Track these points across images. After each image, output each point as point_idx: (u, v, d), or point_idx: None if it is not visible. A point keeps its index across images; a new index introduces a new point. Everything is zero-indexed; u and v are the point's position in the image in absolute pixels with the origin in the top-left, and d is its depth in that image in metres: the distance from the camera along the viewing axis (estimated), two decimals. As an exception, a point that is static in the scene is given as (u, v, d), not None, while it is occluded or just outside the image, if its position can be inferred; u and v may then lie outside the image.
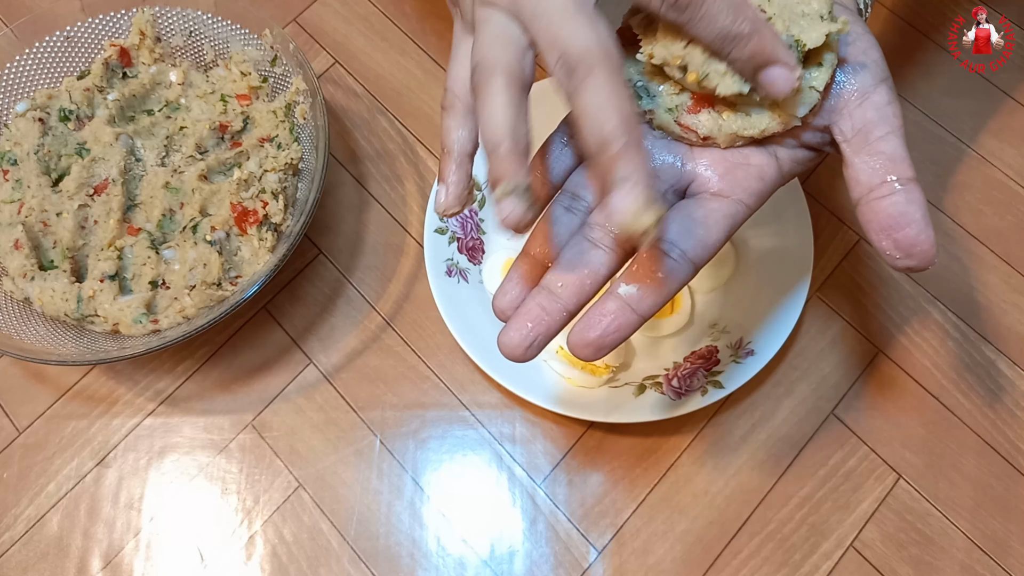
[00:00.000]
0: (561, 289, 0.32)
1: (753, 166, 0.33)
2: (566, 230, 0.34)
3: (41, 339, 0.46)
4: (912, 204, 0.31)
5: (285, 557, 0.46)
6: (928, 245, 0.31)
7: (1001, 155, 0.55)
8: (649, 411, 0.46)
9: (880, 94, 0.33)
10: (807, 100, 0.32)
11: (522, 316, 0.32)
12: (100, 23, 0.53)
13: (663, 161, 0.34)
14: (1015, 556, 0.45)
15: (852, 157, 0.32)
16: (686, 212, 0.33)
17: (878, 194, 0.32)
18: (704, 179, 0.34)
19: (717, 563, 0.46)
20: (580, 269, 0.32)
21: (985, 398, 0.49)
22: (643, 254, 0.32)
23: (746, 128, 0.33)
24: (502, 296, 0.33)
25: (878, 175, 0.32)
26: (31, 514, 0.48)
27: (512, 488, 0.48)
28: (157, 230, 0.49)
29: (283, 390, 0.50)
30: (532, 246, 0.34)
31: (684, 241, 0.32)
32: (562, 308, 0.32)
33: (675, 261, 0.32)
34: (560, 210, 0.35)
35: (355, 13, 0.60)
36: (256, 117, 0.53)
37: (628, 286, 0.31)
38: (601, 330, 0.31)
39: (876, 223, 0.32)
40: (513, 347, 0.32)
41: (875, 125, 0.32)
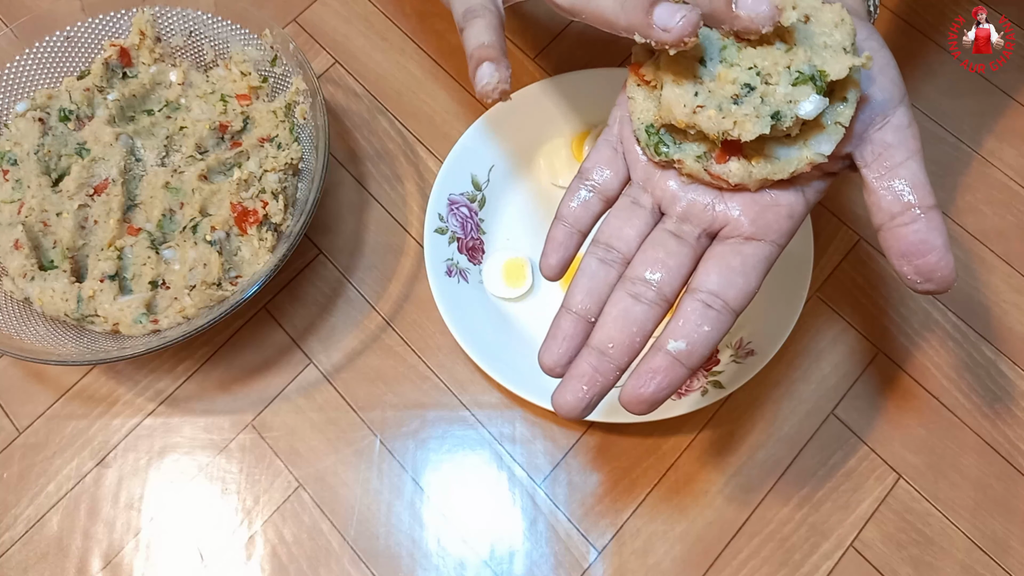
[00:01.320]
0: (612, 350, 0.33)
1: (783, 206, 0.34)
2: (604, 284, 0.34)
3: (41, 339, 0.46)
4: (933, 232, 0.32)
5: (285, 557, 0.46)
6: (948, 271, 0.32)
7: (1001, 155, 0.55)
8: (649, 411, 0.46)
9: (899, 116, 0.33)
10: (833, 135, 0.32)
11: (576, 379, 0.33)
12: (100, 23, 0.53)
13: (694, 202, 0.34)
14: (1015, 556, 0.45)
15: (873, 183, 0.33)
16: (724, 262, 0.33)
17: (900, 221, 0.32)
18: (736, 223, 0.34)
19: (717, 563, 0.46)
20: (628, 327, 0.33)
21: (985, 398, 0.49)
22: (687, 308, 0.32)
23: (776, 173, 0.33)
24: (548, 354, 0.34)
25: (899, 203, 0.32)
26: (31, 514, 0.48)
27: (512, 488, 0.48)
28: (157, 230, 0.49)
29: (283, 390, 0.50)
30: (573, 302, 0.35)
31: (726, 292, 0.32)
32: (615, 368, 0.33)
33: (718, 313, 0.32)
34: (595, 263, 0.35)
35: (355, 13, 0.60)
36: (256, 117, 0.53)
37: (677, 342, 0.32)
38: (655, 387, 0.32)
39: (897, 249, 0.32)
40: (569, 409, 0.33)
41: (895, 149, 0.33)
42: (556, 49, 0.58)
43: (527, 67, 0.58)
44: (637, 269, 0.34)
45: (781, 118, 0.32)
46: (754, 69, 0.32)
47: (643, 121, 0.35)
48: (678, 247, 0.34)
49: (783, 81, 0.32)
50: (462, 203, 0.52)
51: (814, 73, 0.32)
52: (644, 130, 0.35)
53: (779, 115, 0.32)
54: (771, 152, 0.33)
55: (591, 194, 0.36)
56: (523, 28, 0.59)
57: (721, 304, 0.32)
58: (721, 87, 0.33)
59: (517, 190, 0.53)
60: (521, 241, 0.52)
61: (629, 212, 0.36)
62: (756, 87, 0.32)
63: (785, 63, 0.32)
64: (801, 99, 0.32)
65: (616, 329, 0.33)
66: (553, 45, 0.59)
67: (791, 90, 0.32)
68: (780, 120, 0.32)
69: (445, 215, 0.51)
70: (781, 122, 0.32)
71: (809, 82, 0.32)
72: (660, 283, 0.33)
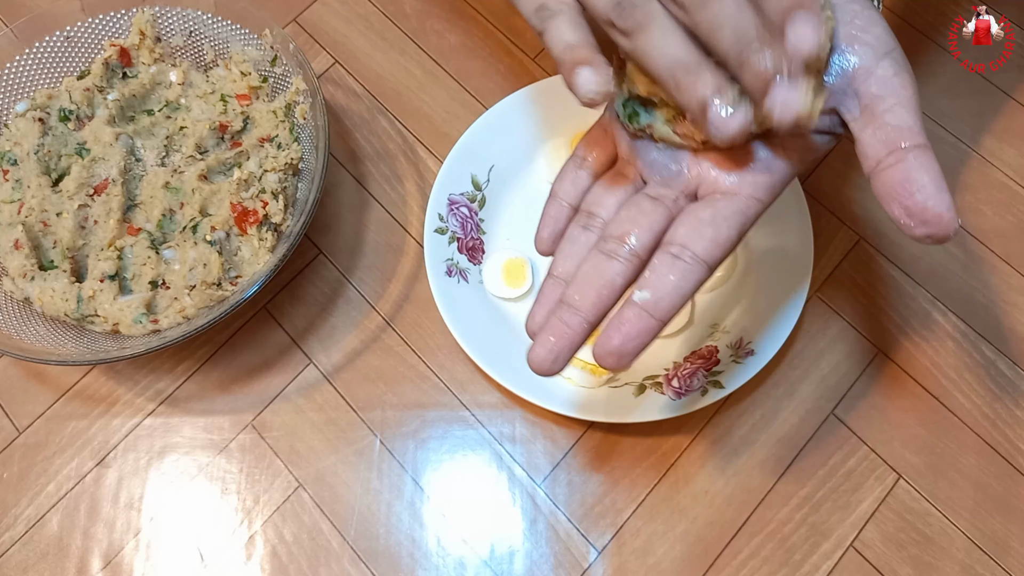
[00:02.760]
0: (579, 301, 0.33)
1: (759, 160, 0.33)
2: (584, 248, 0.35)
3: (41, 339, 0.46)
4: (919, 169, 0.31)
5: (285, 557, 0.46)
6: (942, 209, 0.30)
7: (1001, 155, 0.55)
8: (649, 411, 0.46)
9: (884, 68, 0.32)
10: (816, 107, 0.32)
11: (545, 332, 0.33)
12: (100, 23, 0.53)
13: (669, 171, 0.35)
14: (1015, 556, 0.45)
15: (859, 133, 0.32)
16: (694, 215, 0.33)
17: (885, 164, 0.31)
18: (711, 180, 0.34)
19: (717, 563, 0.46)
20: (596, 281, 0.33)
21: (985, 398, 0.49)
22: (655, 260, 0.32)
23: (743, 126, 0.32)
24: (532, 320, 0.35)
25: (885, 146, 0.31)
26: (31, 514, 0.48)
27: (512, 488, 0.48)
28: (157, 230, 0.49)
29: (283, 390, 0.50)
30: (556, 268, 0.36)
31: (694, 242, 0.32)
32: (582, 320, 0.33)
33: (686, 263, 0.32)
34: (578, 230, 0.36)
35: (355, 13, 0.60)
36: (256, 117, 0.53)
37: (642, 292, 0.32)
38: (622, 337, 0.31)
39: (885, 192, 0.31)
40: (540, 362, 0.33)
41: (880, 99, 0.32)
42: (556, 49, 0.58)
43: (527, 67, 0.58)
44: (611, 228, 0.34)
45: None
46: None
47: (621, 96, 0.35)
48: (653, 207, 0.34)
49: None
50: (462, 203, 0.52)
51: None
52: (621, 104, 0.35)
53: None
54: None
55: (582, 171, 0.37)
56: (523, 28, 0.59)
57: (689, 255, 0.32)
58: None
59: (517, 190, 0.53)
60: (521, 241, 0.52)
61: (612, 182, 0.36)
62: None
63: None
64: None
65: (584, 282, 0.33)
66: (553, 45, 0.59)
67: None
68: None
69: (445, 215, 0.51)
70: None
71: None
72: (631, 240, 0.33)
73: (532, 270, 0.51)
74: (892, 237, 0.53)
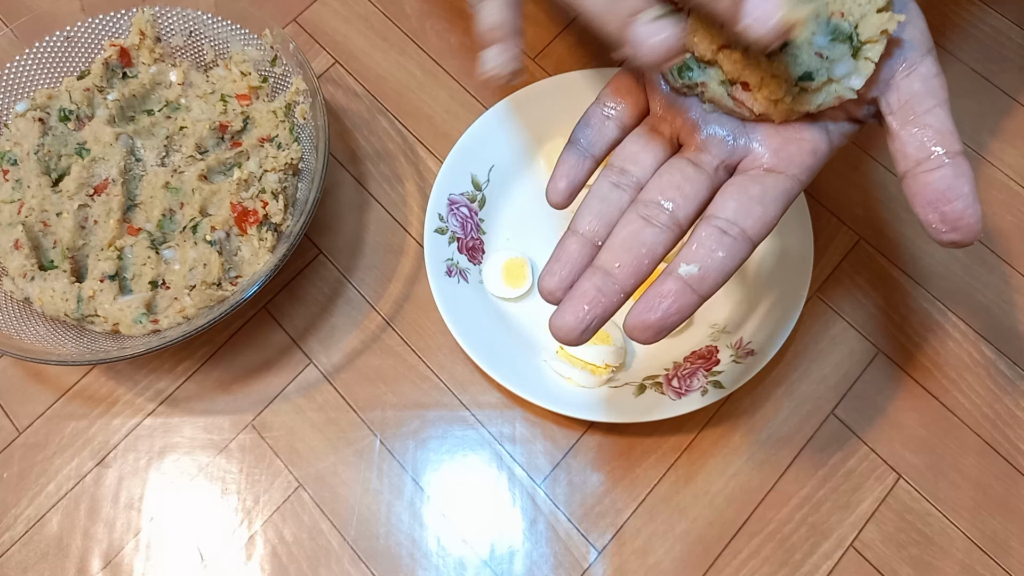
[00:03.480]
0: (619, 270, 0.31)
1: (806, 140, 0.33)
2: (616, 207, 0.33)
3: (41, 339, 0.46)
4: (960, 178, 0.31)
5: (285, 557, 0.46)
6: (975, 219, 0.31)
7: (1001, 155, 0.55)
8: (649, 411, 0.46)
9: (927, 65, 0.32)
10: (863, 71, 0.31)
11: (578, 298, 0.31)
12: (100, 23, 0.53)
13: (714, 133, 0.33)
14: (1015, 556, 0.45)
15: (899, 130, 0.32)
16: (743, 190, 0.32)
17: (926, 167, 0.31)
18: (757, 154, 0.33)
19: (717, 563, 0.46)
20: (637, 249, 0.31)
21: (985, 398, 0.49)
22: (702, 233, 0.31)
23: (802, 105, 0.32)
24: (550, 276, 0.32)
25: (925, 148, 0.31)
26: (31, 514, 0.48)
27: (512, 488, 0.48)
28: (157, 230, 0.49)
29: (283, 390, 0.50)
30: (580, 224, 0.33)
31: (744, 220, 0.31)
32: (619, 289, 0.31)
33: (734, 240, 0.31)
34: (608, 186, 0.33)
35: (355, 13, 0.60)
36: (256, 117, 0.53)
37: (689, 266, 0.30)
38: (662, 312, 0.30)
39: (923, 196, 0.31)
40: (568, 330, 0.31)
41: (922, 97, 0.32)
42: (556, 49, 0.58)
43: (527, 67, 0.58)
44: (651, 192, 0.32)
45: (812, 79, 0.30)
46: None
47: None
48: (695, 173, 0.32)
49: (820, 32, 0.31)
50: (462, 203, 0.52)
51: (851, 32, 0.30)
52: None
53: (810, 76, 0.31)
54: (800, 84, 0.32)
55: (608, 120, 0.35)
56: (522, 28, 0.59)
57: (738, 231, 0.31)
58: None
59: (517, 190, 0.53)
60: (521, 241, 0.52)
61: (647, 139, 0.34)
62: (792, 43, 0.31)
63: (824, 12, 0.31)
64: (835, 59, 0.30)
65: (624, 250, 0.31)
66: (553, 45, 0.59)
67: (826, 46, 0.30)
68: (811, 80, 0.31)
69: (445, 215, 0.51)
70: (812, 83, 0.31)
71: (846, 41, 0.30)
72: (674, 207, 0.32)
73: (532, 270, 0.51)
74: (892, 237, 0.53)
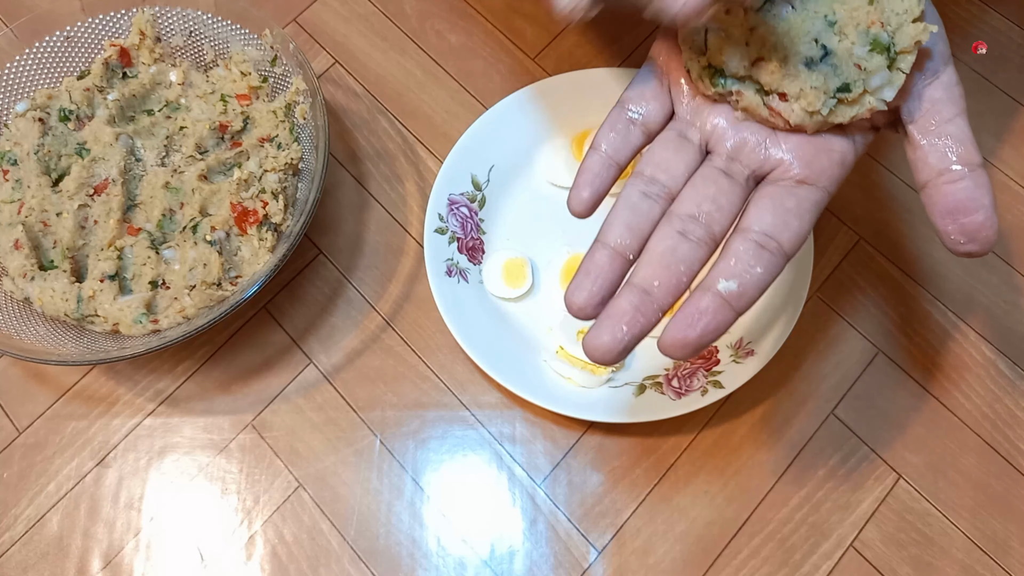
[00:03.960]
0: (657, 288, 0.30)
1: (836, 151, 0.32)
2: (647, 219, 0.32)
3: (41, 339, 0.46)
4: (980, 190, 0.31)
5: (285, 557, 0.46)
6: (993, 232, 0.31)
7: (1001, 155, 0.55)
8: (649, 411, 0.46)
9: (948, 74, 0.32)
10: (895, 82, 0.31)
11: (615, 317, 0.30)
12: (100, 23, 0.53)
13: (745, 140, 0.33)
14: (1015, 556, 0.45)
15: (920, 139, 0.32)
16: (779, 203, 0.31)
17: (947, 178, 0.31)
18: (787, 165, 0.32)
19: (717, 563, 0.46)
20: (676, 266, 0.30)
21: (985, 398, 0.49)
22: (739, 247, 0.30)
23: (836, 116, 0.32)
24: (579, 291, 0.31)
25: (946, 159, 0.31)
26: (31, 514, 0.48)
27: (512, 488, 0.48)
28: (157, 230, 0.49)
29: (283, 390, 0.50)
30: (611, 236, 0.32)
31: (781, 233, 0.31)
32: (658, 308, 0.30)
33: (772, 254, 0.30)
34: (637, 195, 0.32)
35: (355, 13, 0.60)
36: (256, 117, 0.53)
37: (728, 282, 0.30)
38: (701, 329, 0.29)
39: (943, 206, 0.31)
40: (606, 351, 0.30)
41: (943, 105, 0.32)
42: (556, 49, 0.58)
43: (527, 67, 0.58)
44: (685, 205, 0.32)
45: (848, 90, 0.30)
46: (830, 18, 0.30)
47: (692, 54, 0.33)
48: (729, 185, 0.32)
49: (859, 42, 0.30)
50: (462, 203, 0.52)
51: (890, 43, 0.30)
52: (696, 62, 0.33)
53: (847, 87, 0.30)
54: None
55: (633, 125, 0.34)
56: (523, 28, 0.59)
57: (775, 246, 0.30)
58: (792, 39, 0.31)
59: (517, 190, 0.53)
60: (521, 241, 0.52)
61: (676, 145, 0.33)
62: (832, 50, 0.30)
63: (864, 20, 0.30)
64: (872, 70, 0.30)
65: (662, 267, 0.30)
66: (553, 45, 0.59)
67: (864, 56, 0.30)
68: (847, 92, 0.30)
69: (445, 215, 0.51)
70: (849, 95, 0.31)
71: (884, 52, 0.30)
72: (709, 221, 0.31)
73: (532, 270, 0.51)
74: (892, 237, 0.53)
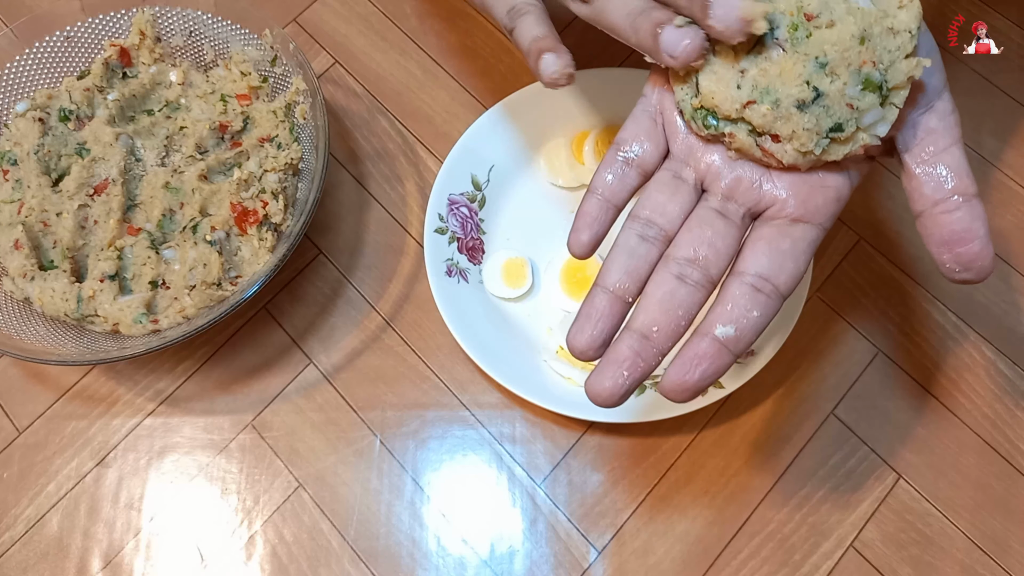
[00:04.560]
0: (656, 333, 0.31)
1: (831, 188, 0.33)
2: (645, 262, 0.33)
3: (41, 339, 0.46)
4: (976, 220, 0.31)
5: (285, 557, 0.46)
6: (988, 261, 0.31)
7: (1001, 155, 0.55)
8: (649, 411, 0.46)
9: (944, 102, 0.32)
10: (889, 118, 0.31)
11: (615, 363, 0.31)
12: (100, 23, 0.53)
13: (740, 179, 0.33)
14: (1015, 556, 0.45)
15: (915, 168, 0.32)
16: (774, 245, 0.32)
17: (942, 208, 0.31)
18: (783, 203, 0.32)
19: (717, 563, 0.46)
20: (674, 311, 0.31)
21: (985, 398, 0.49)
22: (735, 291, 0.31)
23: (830, 154, 0.32)
24: (580, 334, 0.32)
25: (942, 189, 0.31)
26: (31, 514, 0.48)
27: (512, 488, 0.48)
28: (157, 230, 0.49)
29: (283, 390, 0.50)
30: (609, 280, 0.32)
31: (777, 276, 0.31)
32: (657, 352, 0.31)
33: (767, 297, 0.31)
34: (635, 239, 0.33)
35: (355, 13, 0.60)
36: (256, 117, 0.53)
37: (725, 327, 0.30)
38: (699, 375, 0.30)
39: (939, 236, 0.32)
40: (608, 395, 0.31)
41: (938, 135, 0.32)
42: (556, 49, 0.58)
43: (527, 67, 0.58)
44: (682, 249, 0.32)
45: (842, 130, 0.31)
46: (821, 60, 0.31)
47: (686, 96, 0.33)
48: (725, 227, 0.32)
49: (851, 82, 0.30)
50: (462, 203, 0.52)
51: (882, 81, 0.30)
52: (689, 103, 0.33)
53: (840, 127, 0.31)
54: None
55: (628, 167, 0.34)
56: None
57: (771, 288, 0.31)
58: (783, 82, 0.31)
59: (517, 190, 0.53)
60: (521, 241, 0.52)
61: (672, 187, 0.34)
62: (823, 92, 0.30)
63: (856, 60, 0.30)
64: (865, 109, 0.30)
65: (661, 312, 0.31)
66: (553, 45, 0.59)
67: (856, 96, 0.30)
68: (840, 132, 0.31)
69: (445, 215, 0.51)
70: (842, 135, 0.31)
71: (876, 91, 0.30)
72: (706, 264, 0.31)
73: (532, 270, 0.51)
74: (892, 237, 0.53)
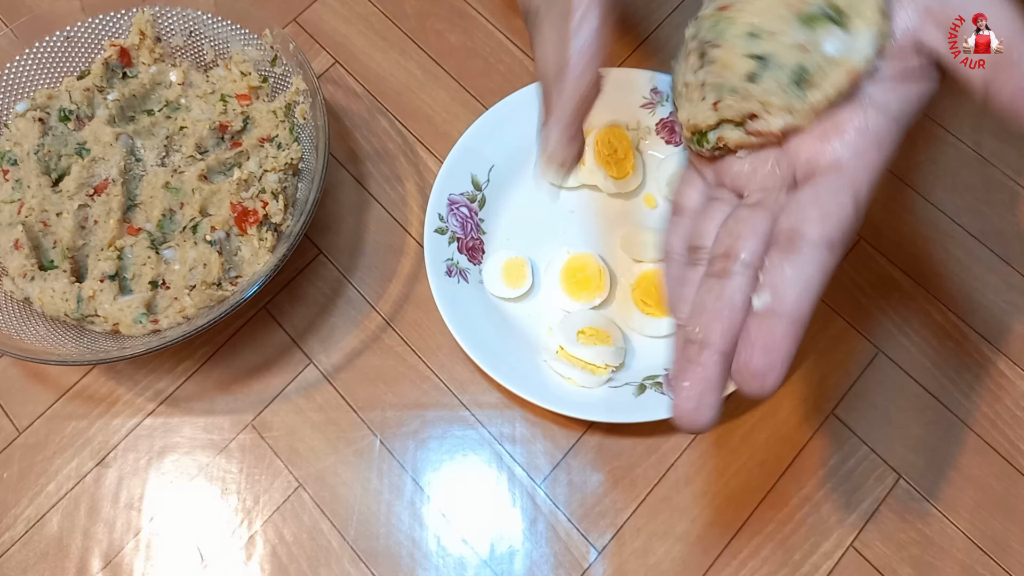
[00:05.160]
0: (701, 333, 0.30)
1: (848, 127, 0.30)
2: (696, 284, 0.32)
3: (41, 339, 0.46)
4: None
5: (285, 557, 0.46)
6: None
7: (1001, 155, 0.55)
8: (649, 411, 0.46)
9: None
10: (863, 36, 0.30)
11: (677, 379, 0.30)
12: (100, 23, 0.53)
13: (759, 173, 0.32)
14: (1015, 556, 0.45)
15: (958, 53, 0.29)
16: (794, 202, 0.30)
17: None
18: (806, 162, 0.31)
19: (717, 563, 0.46)
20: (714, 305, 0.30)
21: (985, 398, 0.49)
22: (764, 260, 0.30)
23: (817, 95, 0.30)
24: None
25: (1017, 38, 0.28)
26: (31, 514, 0.48)
27: (512, 488, 0.48)
28: (157, 230, 0.49)
29: (283, 390, 0.50)
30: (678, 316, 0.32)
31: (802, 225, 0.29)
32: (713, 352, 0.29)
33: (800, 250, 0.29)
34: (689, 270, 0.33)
35: (355, 13, 0.60)
36: (256, 117, 0.53)
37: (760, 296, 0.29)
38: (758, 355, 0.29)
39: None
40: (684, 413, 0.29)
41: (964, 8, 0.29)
42: (556, 49, 0.58)
43: (527, 67, 0.58)
44: (714, 249, 0.32)
45: (807, 72, 0.30)
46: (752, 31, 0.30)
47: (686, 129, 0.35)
48: (750, 213, 0.31)
49: (791, 29, 0.30)
50: (462, 203, 0.52)
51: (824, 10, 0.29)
52: (689, 133, 0.35)
53: (803, 70, 0.30)
54: None
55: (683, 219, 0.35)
56: (523, 29, 0.59)
57: (801, 240, 0.29)
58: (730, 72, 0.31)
59: (517, 190, 0.53)
60: (521, 241, 0.52)
61: (708, 210, 0.34)
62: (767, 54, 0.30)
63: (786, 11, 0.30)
64: (819, 42, 0.29)
65: (703, 311, 0.30)
66: (553, 45, 0.59)
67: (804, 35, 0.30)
68: (807, 74, 0.30)
69: (445, 215, 0.51)
70: (810, 76, 0.30)
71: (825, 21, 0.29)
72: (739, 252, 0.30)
73: (532, 270, 0.51)
74: (892, 237, 0.53)
